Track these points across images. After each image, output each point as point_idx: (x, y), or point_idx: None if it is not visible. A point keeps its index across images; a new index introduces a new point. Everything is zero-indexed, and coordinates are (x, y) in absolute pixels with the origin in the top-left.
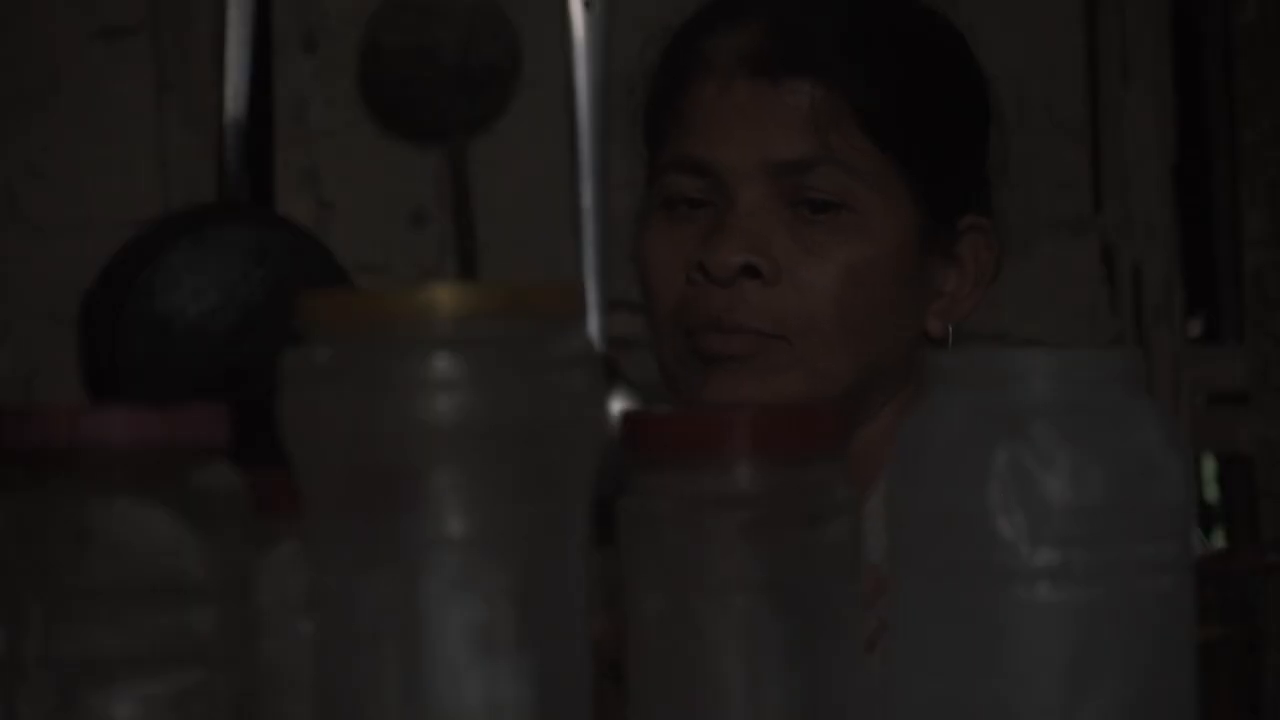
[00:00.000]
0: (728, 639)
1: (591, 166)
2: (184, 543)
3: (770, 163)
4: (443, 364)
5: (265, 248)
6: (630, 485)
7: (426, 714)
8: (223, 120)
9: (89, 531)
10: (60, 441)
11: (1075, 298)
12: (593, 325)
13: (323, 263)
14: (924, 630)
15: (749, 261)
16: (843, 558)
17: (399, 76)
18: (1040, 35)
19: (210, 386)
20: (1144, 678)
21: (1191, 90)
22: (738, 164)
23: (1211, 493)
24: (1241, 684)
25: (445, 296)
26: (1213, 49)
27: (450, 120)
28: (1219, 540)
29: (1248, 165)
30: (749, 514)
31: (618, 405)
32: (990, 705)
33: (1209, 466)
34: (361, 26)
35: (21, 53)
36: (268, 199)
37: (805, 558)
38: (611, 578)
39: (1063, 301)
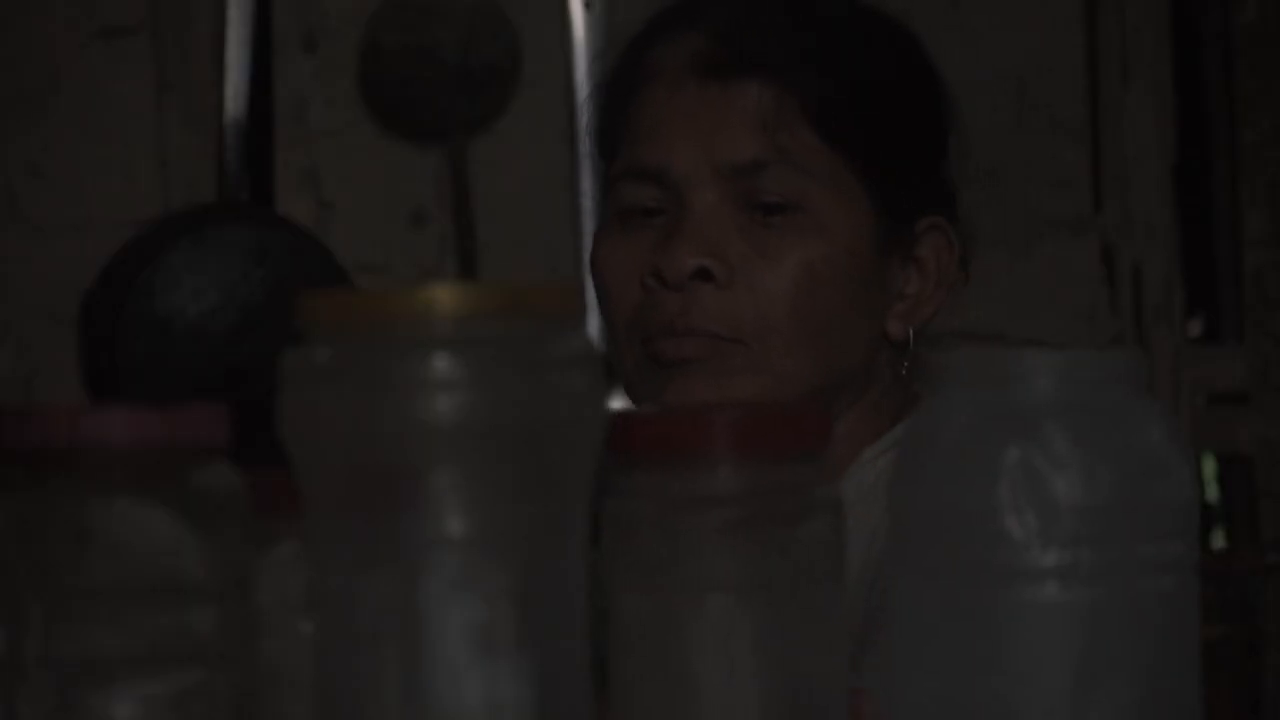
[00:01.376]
0: (709, 639)
1: (591, 166)
2: (184, 543)
3: (721, 166)
4: (443, 364)
5: (265, 248)
6: (612, 486)
7: (426, 714)
8: (223, 120)
9: (89, 531)
10: (60, 441)
11: (1075, 298)
12: (593, 325)
13: (323, 263)
14: (926, 630)
15: (702, 265)
16: (825, 557)
17: (399, 76)
18: (1040, 35)
19: (210, 386)
20: (1149, 677)
21: (1191, 90)
22: (689, 169)
23: (1211, 493)
24: (1242, 683)
25: (445, 296)
26: (1213, 49)
27: (450, 120)
28: (1219, 540)
29: (1248, 165)
30: (730, 514)
31: (617, 405)
32: (994, 705)
33: (1209, 466)
34: (361, 26)
35: (21, 53)
36: (268, 199)
37: (787, 558)
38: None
39: (1063, 301)
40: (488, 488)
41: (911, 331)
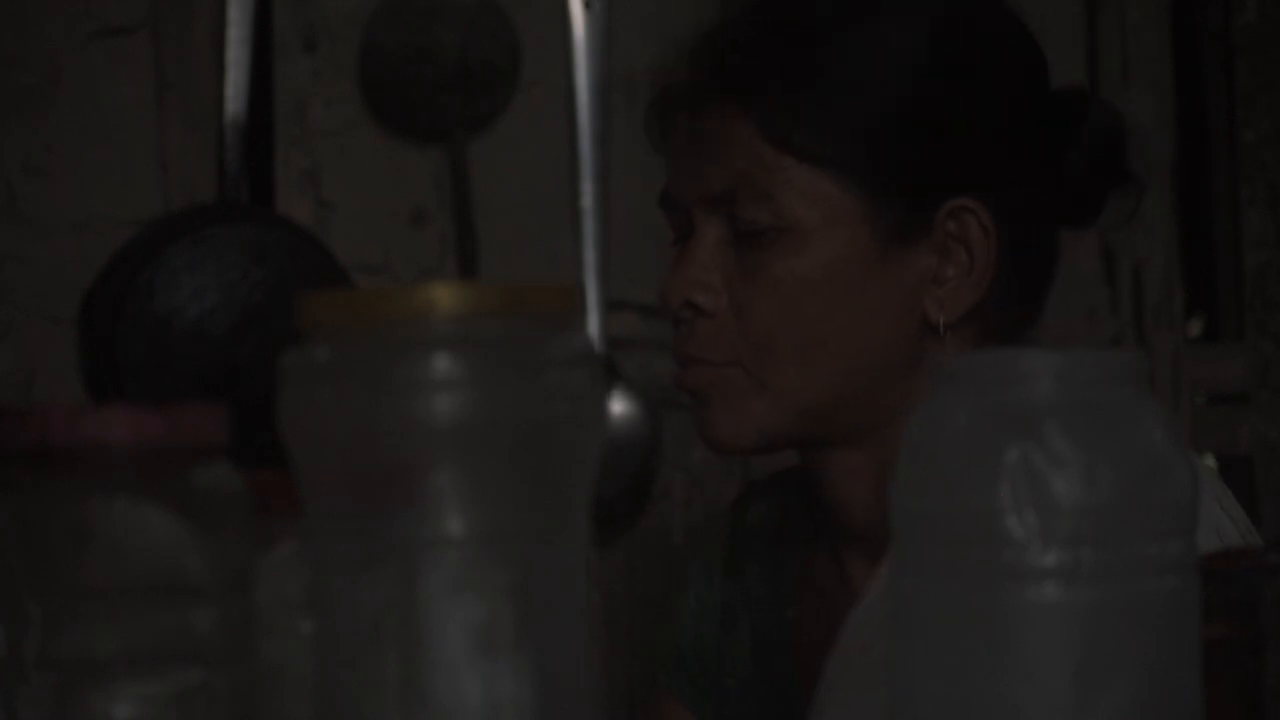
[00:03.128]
0: None
1: (591, 166)
2: (184, 543)
3: (702, 196)
4: (443, 364)
5: (265, 248)
6: None
7: (426, 714)
8: (223, 120)
9: (89, 531)
10: (60, 441)
11: (1075, 298)
12: (593, 325)
13: (323, 263)
14: (928, 630)
15: (686, 299)
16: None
17: (399, 76)
18: (1040, 35)
19: (210, 386)
20: (1149, 677)
21: (1191, 90)
22: (687, 199)
23: None
24: (1243, 683)
25: (445, 296)
26: (1213, 49)
27: (450, 120)
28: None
29: (1248, 165)
30: None
31: (617, 405)
32: (994, 705)
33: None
34: (361, 26)
35: (21, 53)
36: (268, 199)
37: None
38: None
39: (1063, 301)
40: (488, 487)
41: (942, 318)
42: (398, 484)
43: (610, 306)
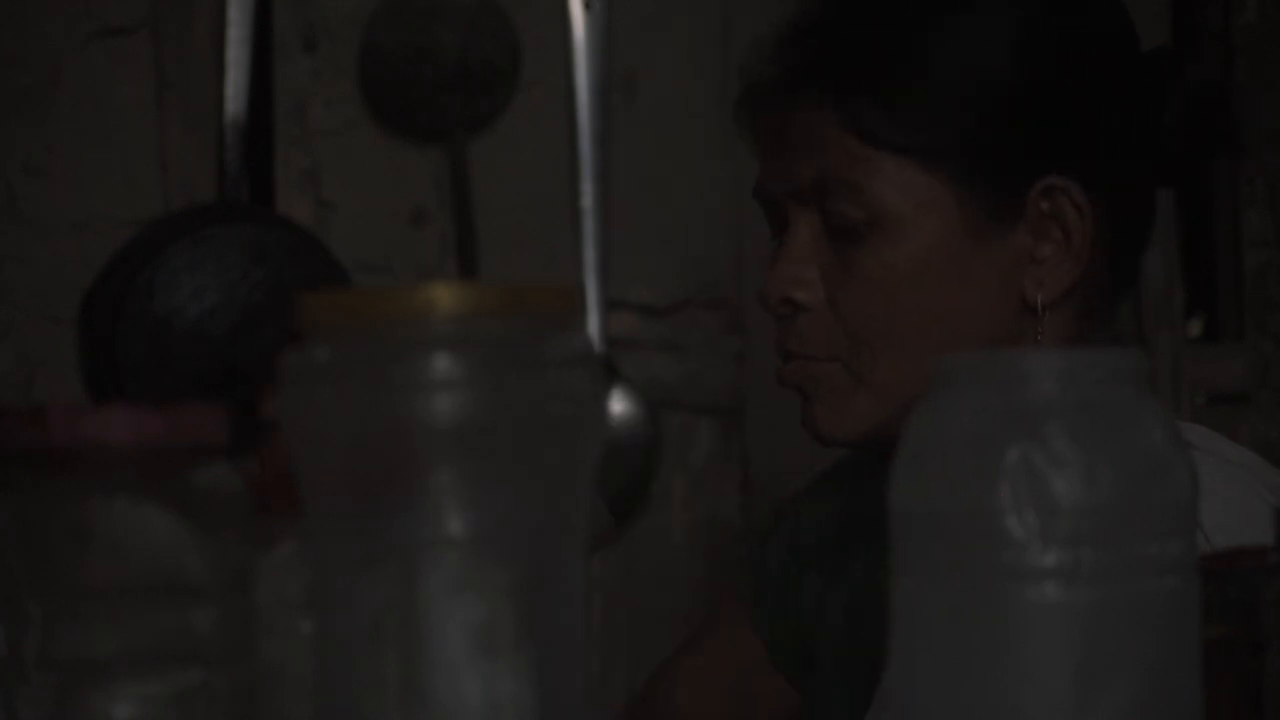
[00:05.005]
0: None
1: (591, 166)
2: (184, 543)
3: (794, 191)
4: (442, 364)
5: (265, 248)
6: None
7: (426, 714)
8: (223, 120)
9: (89, 531)
10: (60, 441)
11: None
12: (593, 325)
13: (323, 263)
14: (929, 630)
15: (786, 297)
16: None
17: (399, 76)
18: None
19: (210, 386)
20: (1149, 677)
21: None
22: (777, 193)
23: None
24: (1244, 684)
25: (445, 296)
26: (1212, 49)
27: (450, 120)
28: None
29: (1248, 165)
30: None
31: (617, 405)
32: (994, 706)
33: None
34: (361, 26)
35: (21, 53)
36: (268, 199)
37: None
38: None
39: None
40: (488, 487)
41: (1040, 298)
42: (398, 484)
43: (610, 306)
